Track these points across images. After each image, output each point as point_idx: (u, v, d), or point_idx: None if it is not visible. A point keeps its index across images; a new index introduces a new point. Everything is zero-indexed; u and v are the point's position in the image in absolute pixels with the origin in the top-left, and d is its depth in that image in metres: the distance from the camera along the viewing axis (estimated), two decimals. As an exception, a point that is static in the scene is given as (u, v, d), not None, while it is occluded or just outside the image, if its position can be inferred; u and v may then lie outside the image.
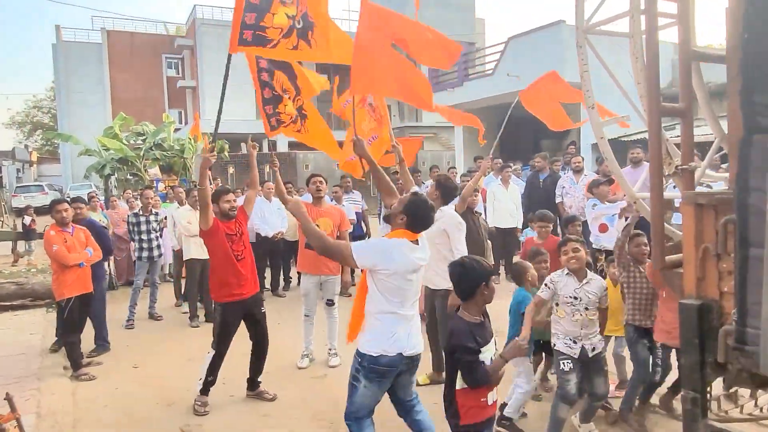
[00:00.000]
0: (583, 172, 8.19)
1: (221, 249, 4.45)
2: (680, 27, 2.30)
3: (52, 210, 5.44)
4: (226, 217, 4.52)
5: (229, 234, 4.48)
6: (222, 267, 4.46)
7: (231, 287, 4.44)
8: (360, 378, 3.10)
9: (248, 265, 4.58)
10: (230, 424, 4.23)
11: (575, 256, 3.54)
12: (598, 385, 3.62)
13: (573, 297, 3.53)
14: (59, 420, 4.30)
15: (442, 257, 4.41)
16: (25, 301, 7.80)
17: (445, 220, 4.41)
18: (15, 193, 26.76)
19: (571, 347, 3.56)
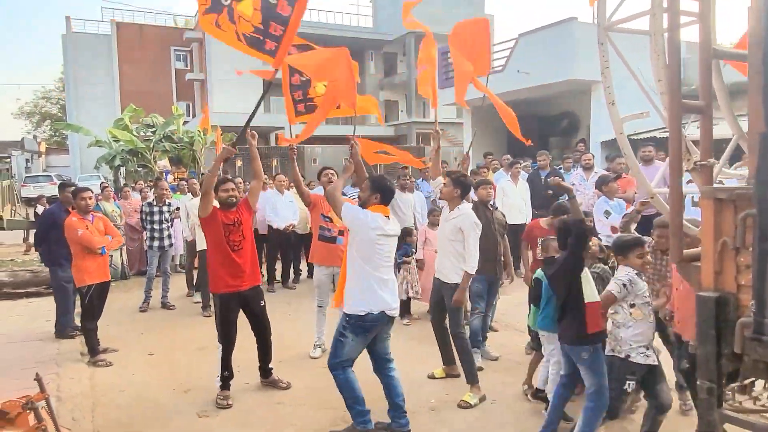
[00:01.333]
0: (593, 170, 8.21)
1: (216, 238, 4.42)
2: (701, 25, 2.34)
3: (76, 197, 5.54)
4: (225, 205, 4.50)
5: (226, 224, 4.44)
6: (217, 256, 4.43)
7: (226, 278, 4.41)
8: (347, 334, 3.74)
9: (246, 257, 4.52)
10: (245, 411, 4.32)
11: (649, 261, 3.42)
12: (664, 394, 3.37)
13: (648, 296, 3.40)
14: (78, 403, 4.40)
15: (457, 253, 4.49)
16: (40, 288, 7.92)
17: (461, 218, 4.46)
18: (24, 183, 26.95)
19: (647, 356, 3.33)
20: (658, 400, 3.37)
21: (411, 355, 5.36)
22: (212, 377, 4.77)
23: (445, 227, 4.62)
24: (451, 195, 4.53)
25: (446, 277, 4.56)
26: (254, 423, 4.11)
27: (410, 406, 4.29)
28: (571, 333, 3.38)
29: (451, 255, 4.51)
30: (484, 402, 4.36)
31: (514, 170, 8.58)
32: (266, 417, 4.20)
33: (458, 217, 4.47)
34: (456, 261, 4.47)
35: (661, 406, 3.37)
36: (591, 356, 3.33)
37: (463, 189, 4.57)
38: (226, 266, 4.42)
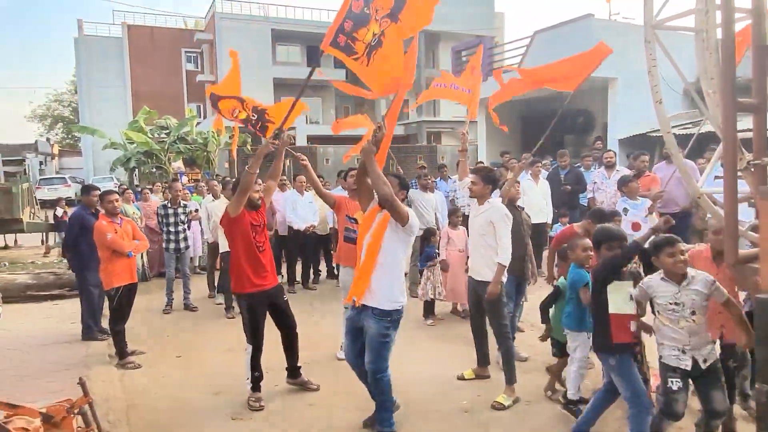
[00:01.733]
0: (615, 167, 8.14)
1: (245, 239, 4.42)
2: (754, 21, 2.31)
3: (103, 200, 5.58)
4: (252, 206, 4.50)
5: (253, 224, 4.46)
6: (245, 258, 4.43)
7: (252, 278, 4.43)
8: (390, 333, 3.69)
9: (269, 256, 4.59)
10: (278, 412, 4.32)
11: (684, 260, 3.17)
12: (717, 401, 3.24)
13: (674, 303, 3.21)
14: (112, 406, 4.41)
15: (488, 247, 4.45)
16: (63, 290, 7.97)
17: (491, 211, 4.43)
18: (39, 186, 27.16)
19: (680, 359, 3.23)
20: (708, 406, 3.29)
21: (439, 357, 5.35)
22: (242, 379, 4.78)
23: (474, 223, 4.59)
24: (482, 192, 4.50)
25: (479, 274, 4.53)
26: (289, 425, 4.11)
27: (443, 407, 4.30)
28: (598, 341, 3.47)
29: (483, 250, 4.48)
30: (518, 403, 4.33)
31: (534, 169, 8.52)
32: (300, 419, 4.19)
33: (488, 210, 4.44)
34: (488, 256, 4.45)
35: (711, 412, 3.29)
36: (617, 363, 3.36)
37: (493, 184, 4.55)
38: (252, 266, 4.44)
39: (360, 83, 4.44)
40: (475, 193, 4.57)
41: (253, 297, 4.47)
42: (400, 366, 4.29)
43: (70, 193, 24.13)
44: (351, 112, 39.67)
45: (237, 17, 33.37)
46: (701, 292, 3.15)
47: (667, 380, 3.27)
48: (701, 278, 3.18)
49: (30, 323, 6.84)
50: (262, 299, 4.51)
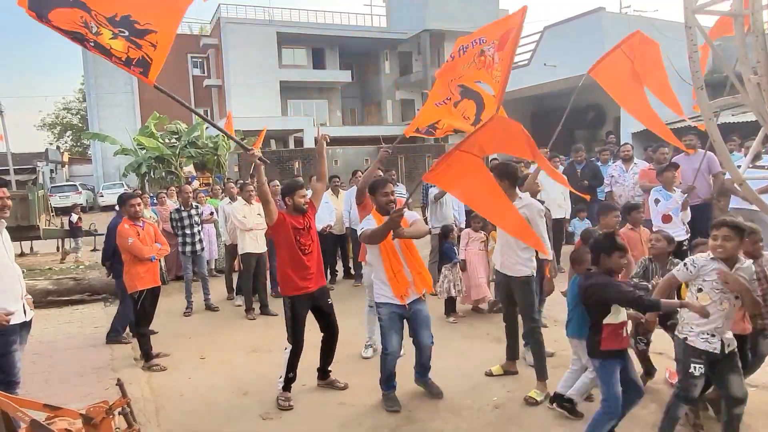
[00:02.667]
0: (632, 161, 8.09)
1: (288, 242, 4.46)
2: (799, 4, 2.26)
3: (125, 204, 5.59)
4: (297, 211, 4.53)
5: (297, 228, 4.48)
6: (288, 260, 4.47)
7: (297, 281, 4.45)
8: None
9: (315, 259, 4.59)
10: (308, 412, 4.30)
11: (722, 245, 3.15)
12: (735, 386, 3.25)
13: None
14: (142, 408, 4.40)
15: (522, 245, 4.39)
16: (84, 296, 8.00)
17: (526, 208, 4.37)
18: (51, 194, 27.34)
19: (710, 342, 3.21)
20: (728, 392, 3.27)
21: (466, 353, 5.32)
22: (268, 380, 4.79)
23: None
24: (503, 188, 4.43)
25: (513, 270, 4.49)
26: (321, 423, 4.10)
27: (474, 403, 4.28)
28: (590, 345, 3.52)
29: (517, 248, 4.43)
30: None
31: (553, 163, 8.46)
32: (332, 417, 4.18)
33: (523, 208, 4.35)
34: (523, 253, 4.42)
35: (731, 398, 3.26)
36: (601, 367, 3.43)
37: (510, 178, 4.44)
38: (296, 269, 4.47)
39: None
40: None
41: (297, 299, 4.50)
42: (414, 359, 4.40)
43: (82, 200, 24.30)
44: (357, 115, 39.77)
45: (242, 21, 33.48)
46: (746, 280, 3.15)
47: (689, 365, 3.26)
48: (747, 266, 3.21)
49: (53, 328, 6.87)
50: (306, 301, 4.54)
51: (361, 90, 39.55)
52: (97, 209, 27.78)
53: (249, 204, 7.34)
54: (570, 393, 4.02)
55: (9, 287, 3.56)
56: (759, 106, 2.52)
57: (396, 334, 4.25)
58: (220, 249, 9.58)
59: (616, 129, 13.94)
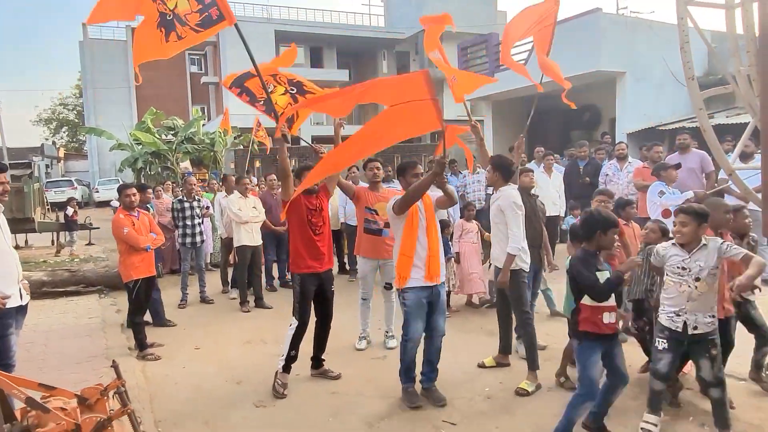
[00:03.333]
0: (627, 159, 8.15)
1: (300, 221, 4.60)
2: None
3: (120, 194, 5.62)
4: (308, 191, 4.63)
5: (309, 208, 4.62)
6: (300, 239, 4.60)
7: (307, 259, 4.58)
8: None
9: (325, 240, 4.71)
10: (302, 400, 4.33)
11: (680, 231, 3.39)
12: (703, 369, 3.42)
13: (681, 267, 3.42)
14: (136, 395, 4.41)
15: (502, 235, 4.49)
16: (78, 287, 8.00)
17: (501, 198, 4.46)
18: (46, 188, 27.24)
19: (673, 320, 3.44)
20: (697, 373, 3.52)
21: (459, 346, 5.35)
22: (262, 370, 4.82)
23: (490, 211, 4.62)
24: (495, 180, 4.55)
25: (498, 261, 4.56)
26: (315, 411, 4.12)
27: (466, 394, 4.32)
28: (570, 324, 3.59)
29: (500, 238, 4.52)
30: (540, 390, 4.34)
31: (547, 162, 8.52)
32: (325, 406, 4.21)
33: (499, 198, 4.48)
34: (503, 244, 4.48)
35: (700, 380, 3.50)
36: (579, 348, 3.47)
37: (502, 170, 4.51)
38: (307, 248, 4.59)
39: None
40: (489, 181, 4.73)
41: (305, 277, 4.61)
42: (422, 356, 4.31)
43: (77, 195, 24.22)
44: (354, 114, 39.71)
45: (240, 19, 32.98)
46: (710, 259, 3.33)
47: (656, 340, 3.54)
48: (712, 245, 3.35)
49: (47, 318, 6.87)
50: (314, 280, 4.64)
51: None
52: (93, 205, 27.72)
53: (244, 197, 7.37)
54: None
55: (6, 271, 3.59)
56: (749, 97, 2.56)
57: (421, 319, 4.14)
58: (215, 242, 9.59)
59: (611, 129, 14.01)
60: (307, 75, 25.16)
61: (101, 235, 13.61)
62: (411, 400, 4.12)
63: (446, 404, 4.10)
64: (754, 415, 3.82)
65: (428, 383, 4.26)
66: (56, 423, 2.61)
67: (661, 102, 13.03)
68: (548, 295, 6.21)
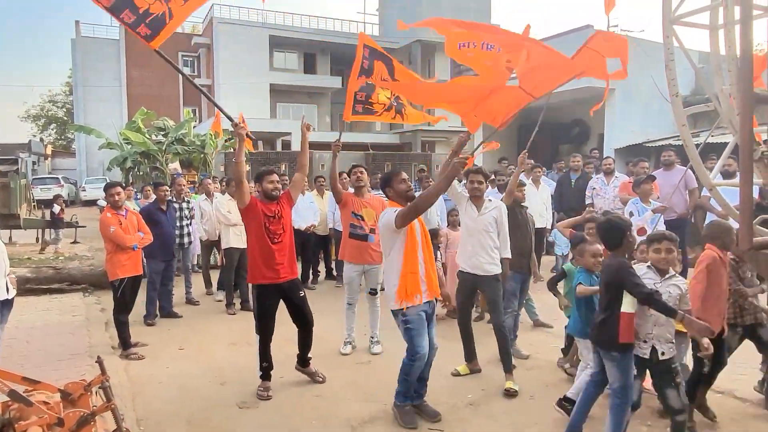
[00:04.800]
0: (614, 174, 8.27)
1: (257, 228, 4.42)
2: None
3: (106, 193, 5.60)
4: (268, 197, 4.51)
5: (267, 215, 4.45)
6: (256, 247, 4.43)
7: (264, 269, 4.41)
8: None
9: (285, 249, 4.52)
10: (286, 403, 4.33)
11: (666, 258, 3.36)
12: (670, 398, 3.37)
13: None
14: (118, 393, 4.34)
15: (493, 245, 4.65)
16: (63, 285, 7.94)
17: (497, 210, 4.69)
18: (33, 185, 26.94)
19: (641, 347, 3.37)
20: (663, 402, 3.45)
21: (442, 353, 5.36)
22: (247, 371, 4.83)
23: (479, 222, 4.70)
24: (485, 191, 4.79)
25: (483, 269, 4.68)
26: (297, 414, 4.13)
27: (450, 400, 4.35)
28: (603, 337, 3.38)
29: (489, 247, 4.66)
30: (523, 398, 4.39)
31: (535, 174, 8.61)
32: (309, 408, 4.22)
33: (495, 209, 4.71)
34: (493, 252, 4.65)
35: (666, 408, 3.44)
36: (622, 358, 3.33)
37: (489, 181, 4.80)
38: (264, 257, 4.41)
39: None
40: (483, 192, 4.83)
41: (263, 288, 4.47)
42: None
43: (64, 193, 23.99)
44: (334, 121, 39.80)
45: (235, 22, 33.45)
46: (675, 292, 3.33)
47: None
48: (680, 282, 3.37)
49: (30, 315, 6.81)
50: (273, 292, 4.49)
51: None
52: (79, 203, 27.46)
53: (234, 199, 7.36)
54: (570, 393, 3.99)
55: (-8, 264, 3.58)
56: (729, 115, 2.65)
57: (426, 335, 3.97)
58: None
59: (600, 145, 14.21)
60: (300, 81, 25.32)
61: (87, 233, 13.50)
62: (408, 421, 3.91)
63: (441, 419, 3.98)
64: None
65: (420, 399, 4.10)
66: (39, 416, 2.61)
67: (648, 119, 13.26)
68: (530, 305, 6.27)
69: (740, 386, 4.37)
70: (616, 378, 3.35)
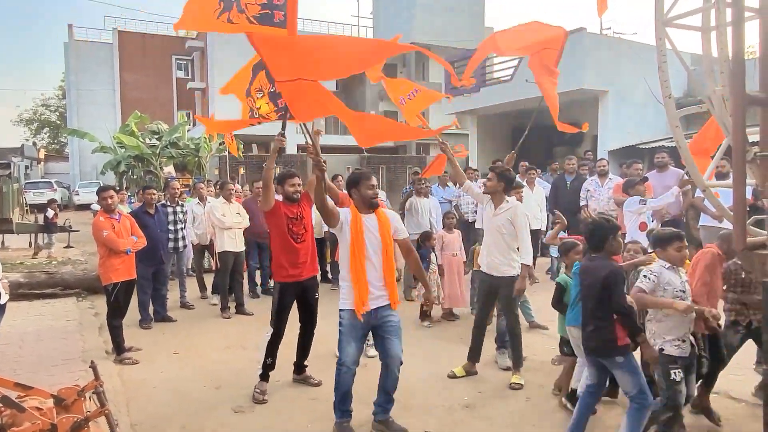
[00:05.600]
0: (608, 176, 8.29)
1: (281, 230, 4.56)
2: (762, 19, 2.42)
3: (98, 197, 5.58)
4: (289, 200, 4.63)
5: (290, 217, 4.58)
6: (281, 247, 4.57)
7: (288, 268, 4.55)
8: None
9: (308, 248, 4.67)
10: (281, 406, 4.32)
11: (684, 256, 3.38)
12: (691, 386, 3.40)
13: (681, 290, 3.33)
14: (112, 398, 4.33)
15: (508, 247, 4.67)
16: (56, 290, 7.89)
17: (512, 210, 4.66)
18: (25, 189, 26.76)
19: (682, 347, 3.33)
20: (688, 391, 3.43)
21: (438, 355, 5.39)
22: (241, 375, 4.81)
23: (494, 221, 4.72)
24: (496, 188, 4.70)
25: (498, 270, 4.71)
26: (292, 417, 4.12)
27: (445, 402, 4.35)
28: (599, 343, 3.31)
29: (503, 248, 4.68)
30: (520, 399, 4.39)
31: (529, 176, 8.64)
32: (303, 412, 4.20)
33: (509, 210, 4.66)
34: (509, 253, 4.66)
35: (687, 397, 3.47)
36: (626, 361, 3.27)
37: (507, 182, 4.72)
38: (288, 256, 4.55)
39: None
40: (489, 188, 4.79)
41: (286, 285, 4.59)
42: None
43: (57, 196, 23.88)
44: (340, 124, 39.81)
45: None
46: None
47: (669, 373, 3.29)
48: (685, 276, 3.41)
49: (23, 320, 6.76)
50: (295, 289, 4.63)
51: (346, 100, 39.53)
52: (72, 207, 27.31)
53: (228, 203, 7.35)
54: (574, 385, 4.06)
55: (-16, 269, 3.55)
56: (722, 116, 2.66)
57: (354, 342, 3.74)
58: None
59: (593, 147, 14.26)
60: (294, 83, 24.75)
61: (80, 237, 13.44)
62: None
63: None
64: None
65: (383, 415, 3.86)
66: (31, 422, 2.59)
67: (641, 121, 13.33)
68: (526, 307, 6.28)
69: (735, 387, 4.38)
70: (630, 383, 3.26)
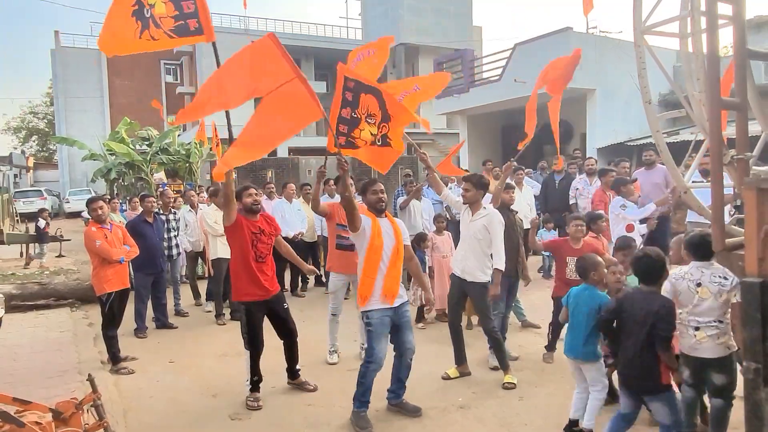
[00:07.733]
0: (596, 174, 8.39)
1: (243, 247, 4.46)
2: (735, 27, 2.50)
3: (89, 208, 5.59)
4: (249, 212, 4.56)
5: (252, 232, 4.50)
6: (241, 266, 4.47)
7: (249, 287, 4.47)
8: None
9: (269, 265, 4.60)
10: (277, 412, 4.36)
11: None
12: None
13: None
14: (109, 409, 4.33)
15: (483, 252, 4.73)
16: (49, 300, 7.87)
17: (488, 217, 4.72)
18: (15, 199, 26.61)
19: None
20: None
21: (432, 357, 5.44)
22: (238, 382, 4.83)
23: (470, 228, 4.78)
24: (475, 197, 4.75)
25: (473, 275, 4.75)
26: (289, 423, 4.16)
27: (439, 403, 4.41)
28: (649, 384, 3.18)
29: (479, 254, 4.73)
30: (512, 399, 4.46)
31: (517, 176, 8.71)
32: (299, 417, 4.25)
33: (485, 217, 4.73)
34: (483, 259, 4.69)
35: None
36: (668, 396, 3.20)
37: (484, 189, 4.86)
38: (250, 275, 4.47)
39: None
40: (468, 199, 4.83)
41: (251, 305, 4.53)
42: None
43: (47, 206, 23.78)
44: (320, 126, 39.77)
45: (218, 30, 32.78)
46: None
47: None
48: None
49: (17, 332, 6.75)
50: (261, 307, 4.57)
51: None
52: (63, 216, 27.18)
53: (220, 210, 7.36)
54: (586, 423, 3.72)
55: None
56: (701, 119, 2.74)
57: (385, 339, 4.09)
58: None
59: (582, 145, 14.38)
60: (284, 87, 24.55)
61: (72, 246, 13.38)
62: (361, 425, 3.98)
63: (422, 414, 4.16)
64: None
65: (397, 399, 4.28)
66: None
67: (629, 118, 13.46)
68: (518, 306, 6.35)
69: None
70: (667, 415, 3.19)
